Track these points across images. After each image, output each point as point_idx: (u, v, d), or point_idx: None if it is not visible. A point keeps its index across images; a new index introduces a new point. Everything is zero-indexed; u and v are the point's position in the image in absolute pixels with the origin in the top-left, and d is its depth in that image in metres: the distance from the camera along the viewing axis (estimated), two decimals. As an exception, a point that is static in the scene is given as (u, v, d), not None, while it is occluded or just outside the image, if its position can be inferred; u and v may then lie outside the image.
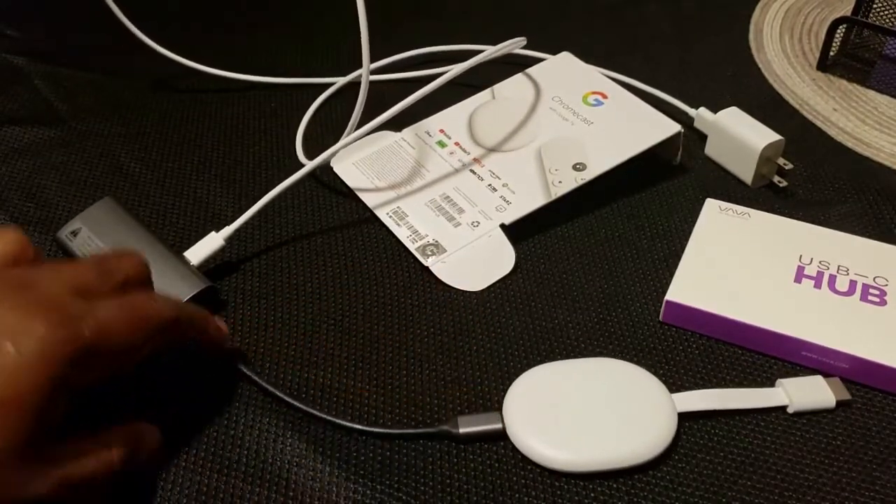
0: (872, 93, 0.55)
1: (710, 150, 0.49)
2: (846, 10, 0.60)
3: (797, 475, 0.33)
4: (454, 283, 0.41)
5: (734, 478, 0.33)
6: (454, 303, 0.40)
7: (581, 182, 0.44)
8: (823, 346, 0.36)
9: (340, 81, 0.56)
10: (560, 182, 0.44)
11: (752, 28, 0.63)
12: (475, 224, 0.43)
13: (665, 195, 0.47)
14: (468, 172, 0.46)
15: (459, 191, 0.45)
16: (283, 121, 0.53)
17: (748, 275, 0.39)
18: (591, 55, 0.55)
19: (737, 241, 0.41)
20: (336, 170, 0.48)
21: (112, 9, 0.52)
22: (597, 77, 0.51)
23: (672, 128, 0.46)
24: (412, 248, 0.43)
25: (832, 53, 0.58)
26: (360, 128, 0.43)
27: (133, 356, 0.30)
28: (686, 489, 0.32)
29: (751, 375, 0.37)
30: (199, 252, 0.41)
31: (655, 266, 0.42)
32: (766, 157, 0.46)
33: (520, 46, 0.50)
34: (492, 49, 0.48)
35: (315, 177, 0.48)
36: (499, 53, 0.48)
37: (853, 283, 0.38)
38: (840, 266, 0.39)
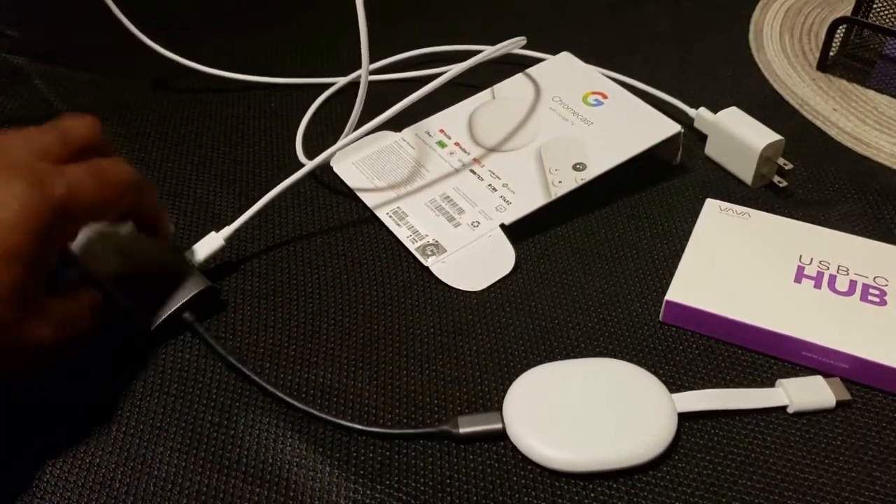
0: (872, 93, 0.55)
1: (710, 150, 0.49)
2: (846, 10, 0.60)
3: (797, 475, 0.33)
4: (454, 283, 0.41)
5: (734, 478, 0.33)
6: (454, 303, 0.40)
7: (581, 182, 0.44)
8: (823, 346, 0.36)
9: (341, 81, 0.56)
10: (560, 182, 0.44)
11: (752, 28, 0.63)
12: (475, 224, 0.43)
13: (665, 195, 0.47)
14: (468, 172, 0.46)
15: (459, 191, 0.45)
16: (283, 121, 0.53)
17: (748, 275, 0.39)
18: (591, 55, 0.55)
19: (737, 241, 0.41)
20: (336, 170, 0.48)
21: (112, 9, 0.52)
22: (597, 77, 0.51)
23: (672, 128, 0.46)
24: (412, 248, 0.43)
25: (832, 53, 0.58)
26: (360, 128, 0.43)
27: (103, 214, 0.33)
28: (686, 489, 0.32)
29: (751, 375, 0.37)
30: (200, 252, 0.41)
31: (655, 266, 0.42)
32: (766, 157, 0.46)
33: (519, 46, 0.50)
34: (491, 49, 0.48)
35: (315, 177, 0.48)
36: (498, 53, 0.48)
37: (853, 283, 0.38)
38: (840, 266, 0.39)
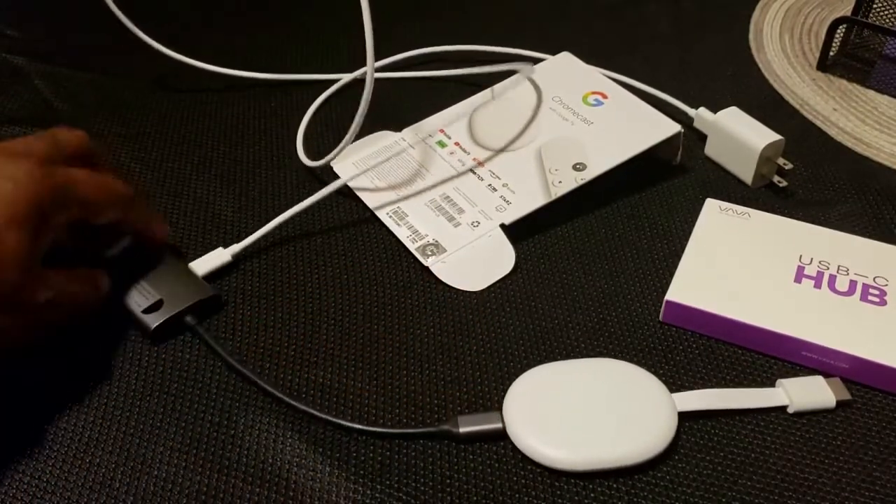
0: (872, 93, 0.55)
1: (710, 150, 0.49)
2: (846, 10, 0.60)
3: (797, 475, 0.33)
4: (454, 283, 0.41)
5: (734, 478, 0.33)
6: (454, 303, 0.40)
7: (581, 182, 0.44)
8: (823, 346, 0.36)
9: (345, 78, 0.55)
10: (560, 182, 0.44)
11: (752, 28, 0.63)
12: (475, 224, 0.43)
13: (665, 195, 0.47)
14: (468, 172, 0.46)
15: (459, 191, 0.45)
16: (283, 121, 0.53)
17: (748, 275, 0.39)
18: (591, 55, 0.55)
19: (737, 241, 0.41)
20: (336, 170, 0.48)
21: (111, 8, 0.52)
22: (597, 77, 0.51)
23: (672, 128, 0.46)
24: (412, 248, 0.43)
25: (832, 53, 0.58)
26: (361, 130, 0.43)
27: (95, 214, 0.35)
28: (686, 489, 0.32)
29: (751, 375, 0.37)
30: (204, 265, 0.41)
31: (655, 266, 0.42)
32: (766, 157, 0.46)
33: (529, 74, 0.50)
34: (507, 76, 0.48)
35: (315, 177, 0.48)
36: (505, 68, 0.49)
37: (853, 283, 0.38)
38: (840, 266, 0.39)
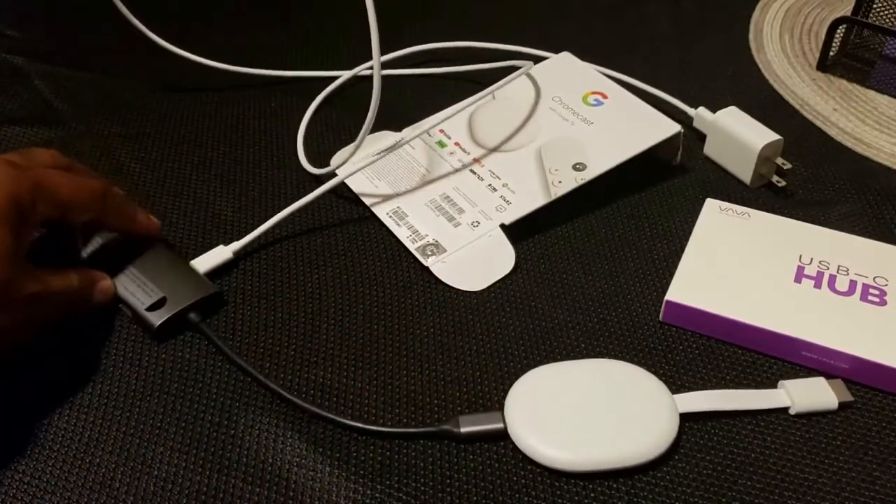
0: (872, 93, 0.55)
1: (709, 150, 0.49)
2: (846, 10, 0.60)
3: (797, 475, 0.33)
4: (454, 283, 0.41)
5: (735, 478, 0.33)
6: (454, 303, 0.40)
7: (581, 182, 0.44)
8: (823, 346, 0.36)
9: (345, 75, 0.55)
10: (560, 182, 0.44)
11: (752, 28, 0.63)
12: (475, 224, 0.43)
13: (665, 195, 0.47)
14: (468, 172, 0.46)
15: (459, 191, 0.45)
16: (283, 121, 0.53)
17: (748, 275, 0.39)
18: (591, 55, 0.55)
19: (737, 241, 0.41)
20: (336, 170, 0.48)
21: (117, 5, 0.52)
22: (597, 77, 0.51)
23: (672, 128, 0.46)
24: (412, 248, 0.43)
25: (832, 53, 0.58)
26: (370, 129, 0.43)
27: (73, 212, 0.36)
28: (687, 489, 0.32)
29: (751, 375, 0.37)
30: (206, 263, 0.41)
31: (655, 266, 0.42)
32: (765, 157, 0.46)
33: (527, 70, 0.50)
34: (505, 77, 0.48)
35: (315, 176, 0.48)
36: (506, 72, 0.48)
37: (853, 283, 0.38)
38: (840, 266, 0.39)
